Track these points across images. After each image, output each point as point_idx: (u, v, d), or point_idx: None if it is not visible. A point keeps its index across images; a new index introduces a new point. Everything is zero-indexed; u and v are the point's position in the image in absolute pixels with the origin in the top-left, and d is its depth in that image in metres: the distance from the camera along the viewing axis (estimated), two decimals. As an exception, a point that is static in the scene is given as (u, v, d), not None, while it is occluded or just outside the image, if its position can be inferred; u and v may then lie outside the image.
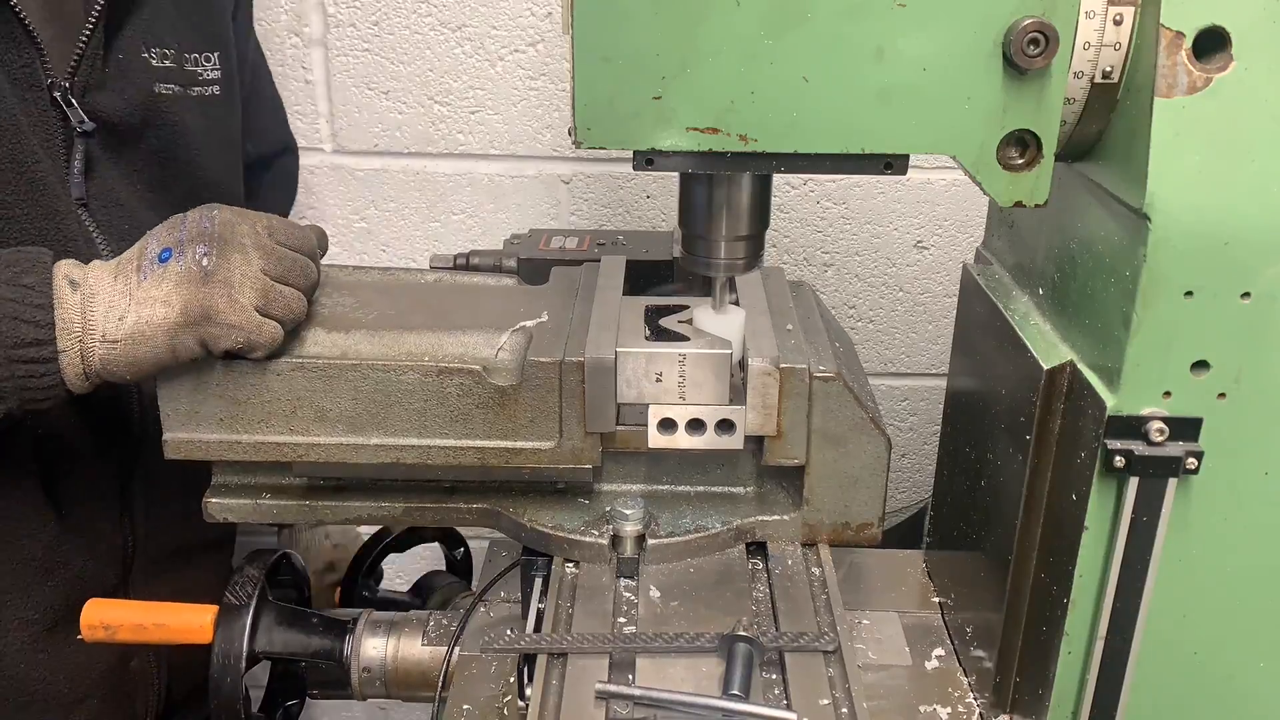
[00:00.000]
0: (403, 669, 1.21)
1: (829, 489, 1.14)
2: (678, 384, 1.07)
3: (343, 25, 1.72)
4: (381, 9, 1.71)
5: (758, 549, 1.17)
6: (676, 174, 1.06)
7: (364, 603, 1.51)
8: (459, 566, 1.59)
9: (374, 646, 1.21)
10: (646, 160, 0.92)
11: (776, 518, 1.16)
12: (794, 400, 1.09)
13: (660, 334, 1.12)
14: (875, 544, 1.17)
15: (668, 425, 1.08)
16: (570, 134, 0.90)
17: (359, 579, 1.52)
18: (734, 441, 1.09)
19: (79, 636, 1.16)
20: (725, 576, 1.11)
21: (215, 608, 1.17)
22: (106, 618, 1.16)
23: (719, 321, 1.11)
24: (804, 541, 1.16)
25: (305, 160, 1.78)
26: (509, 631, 1.15)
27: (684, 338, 1.10)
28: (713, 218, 1.07)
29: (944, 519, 1.30)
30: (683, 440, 1.09)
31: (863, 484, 1.13)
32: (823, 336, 1.18)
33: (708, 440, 1.09)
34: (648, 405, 1.09)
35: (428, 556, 1.69)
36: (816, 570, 1.14)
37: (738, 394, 1.09)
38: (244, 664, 1.14)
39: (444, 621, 1.23)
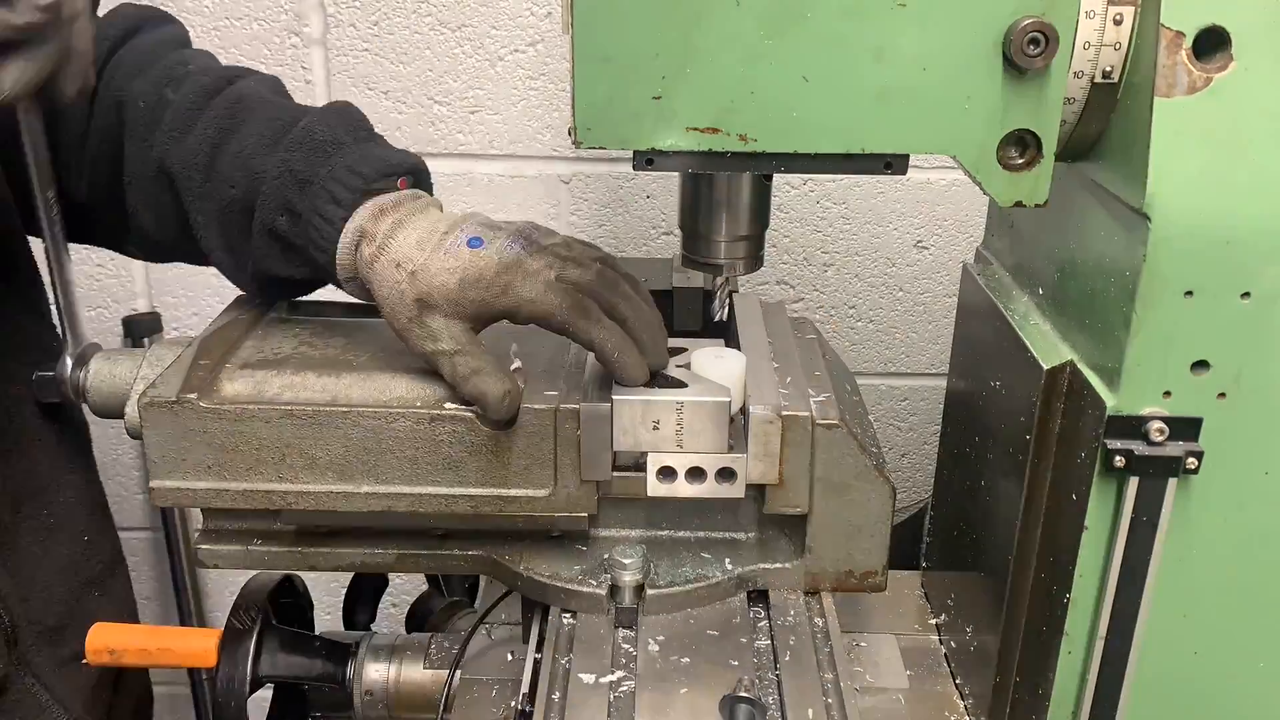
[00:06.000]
0: (405, 692, 1.21)
1: (832, 537, 1.11)
2: (675, 432, 1.04)
3: (343, 25, 1.72)
4: (381, 9, 1.71)
5: (759, 597, 1.14)
6: (677, 174, 1.06)
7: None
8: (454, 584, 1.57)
9: (376, 670, 1.21)
10: (646, 160, 0.91)
11: (779, 566, 1.13)
12: (796, 449, 1.06)
13: (658, 379, 1.09)
14: (880, 591, 1.14)
15: (667, 473, 1.05)
16: (570, 134, 0.90)
17: (355, 616, 1.52)
18: (735, 490, 1.06)
19: (84, 661, 1.14)
20: (726, 628, 1.09)
21: (219, 631, 1.17)
22: (111, 642, 1.15)
23: (719, 366, 1.09)
24: (807, 590, 1.13)
25: (305, 160, 1.78)
26: (509, 655, 1.14)
27: (682, 384, 1.07)
28: (712, 217, 1.07)
29: (944, 519, 1.30)
30: (683, 489, 1.06)
31: (866, 532, 1.10)
32: (826, 379, 1.15)
33: (708, 489, 1.06)
34: (645, 453, 1.06)
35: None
36: (820, 621, 1.10)
37: (738, 441, 1.06)
38: (248, 688, 1.14)
39: (445, 644, 1.23)
